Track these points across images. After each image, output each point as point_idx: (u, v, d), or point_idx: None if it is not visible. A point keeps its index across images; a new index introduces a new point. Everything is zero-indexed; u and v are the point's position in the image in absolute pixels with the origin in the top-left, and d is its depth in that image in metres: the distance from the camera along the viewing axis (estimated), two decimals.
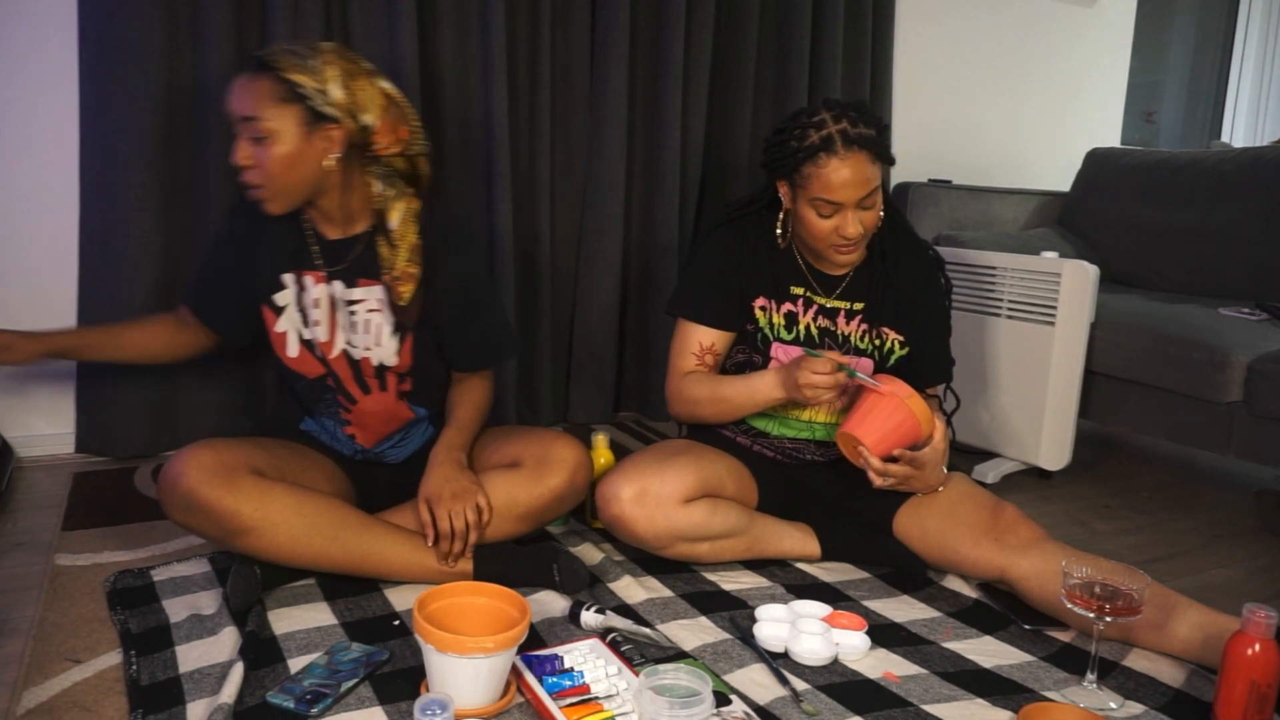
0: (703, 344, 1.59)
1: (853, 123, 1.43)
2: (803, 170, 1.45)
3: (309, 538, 1.32)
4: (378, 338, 1.50)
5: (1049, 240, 2.72)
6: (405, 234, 1.48)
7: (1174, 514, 2.03)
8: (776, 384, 1.48)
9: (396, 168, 1.52)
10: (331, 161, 1.40)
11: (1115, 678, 1.26)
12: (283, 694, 1.09)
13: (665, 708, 0.96)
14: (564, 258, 2.40)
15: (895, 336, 1.60)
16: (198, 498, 1.26)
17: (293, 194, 1.41)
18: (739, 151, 2.53)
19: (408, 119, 1.49)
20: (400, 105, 1.47)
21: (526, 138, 2.27)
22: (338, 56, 1.40)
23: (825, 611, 1.36)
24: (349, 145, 1.42)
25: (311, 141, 1.38)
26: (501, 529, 1.46)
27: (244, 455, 1.33)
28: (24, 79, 1.88)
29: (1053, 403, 2.08)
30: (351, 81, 1.40)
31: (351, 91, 1.40)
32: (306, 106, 1.36)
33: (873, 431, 1.40)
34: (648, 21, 2.36)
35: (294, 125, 1.36)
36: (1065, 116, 3.32)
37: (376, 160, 1.48)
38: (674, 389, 1.61)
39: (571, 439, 1.53)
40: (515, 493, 1.45)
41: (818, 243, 1.50)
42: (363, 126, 1.42)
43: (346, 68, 1.40)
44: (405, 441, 1.61)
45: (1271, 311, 2.15)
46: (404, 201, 1.49)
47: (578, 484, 1.50)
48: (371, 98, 1.42)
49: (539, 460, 1.48)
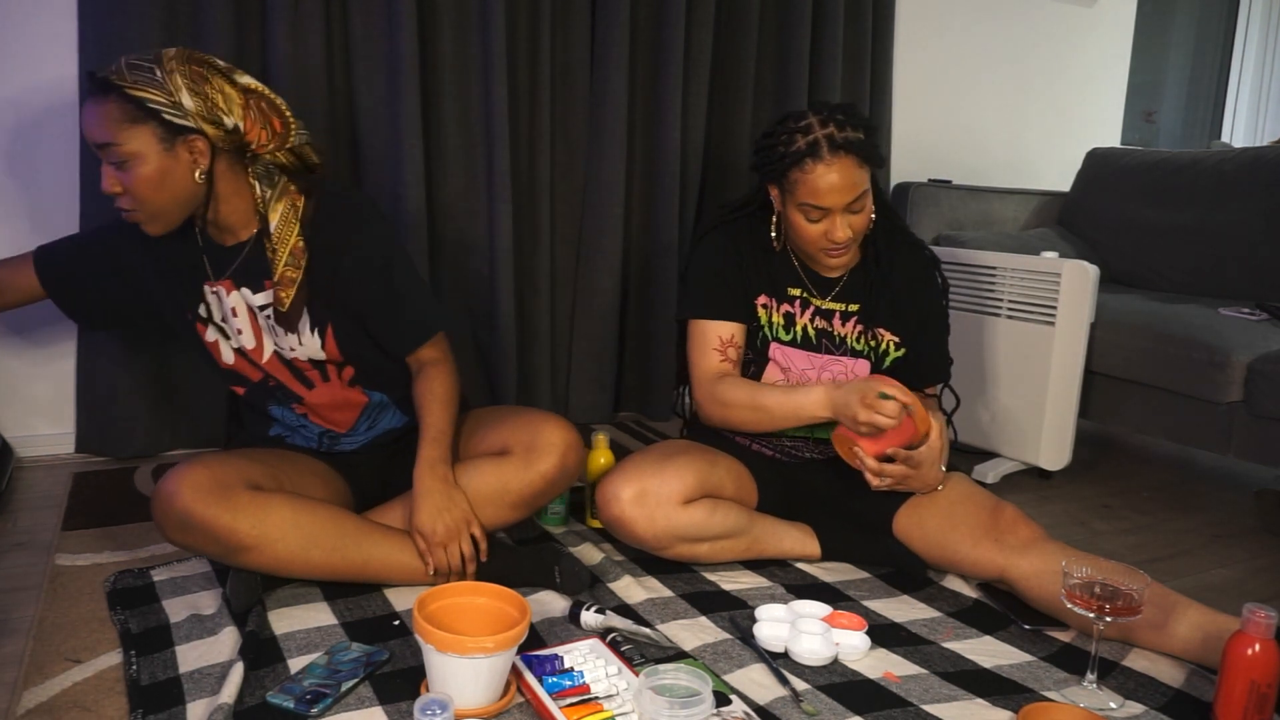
0: (723, 338, 1.57)
1: (840, 126, 1.42)
2: (789, 176, 1.45)
3: (308, 551, 1.31)
4: (299, 337, 1.46)
5: (1049, 240, 2.72)
6: (285, 236, 1.42)
7: (1174, 514, 2.03)
8: (825, 404, 1.45)
9: (281, 163, 1.45)
10: (201, 174, 1.35)
11: (1115, 678, 1.26)
12: (283, 694, 1.09)
13: (665, 708, 0.96)
14: (564, 258, 2.40)
15: (891, 338, 1.60)
16: (194, 517, 1.24)
17: (169, 213, 1.36)
18: (739, 151, 2.53)
19: (278, 110, 1.42)
20: (265, 97, 1.41)
21: (526, 138, 2.27)
22: (183, 63, 1.32)
23: (825, 611, 1.36)
24: (220, 151, 1.36)
25: (175, 157, 1.32)
26: (496, 517, 1.45)
27: (238, 470, 1.31)
28: (24, 79, 1.88)
29: (1053, 403, 2.08)
30: (203, 86, 1.33)
31: (205, 97, 1.33)
32: (161, 122, 1.30)
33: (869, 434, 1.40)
34: (648, 21, 2.36)
35: (152, 144, 1.30)
36: (1065, 116, 3.32)
37: (256, 160, 1.42)
38: (707, 392, 1.56)
39: (559, 421, 1.50)
40: (506, 481, 1.44)
41: (808, 246, 1.51)
42: (227, 130, 1.36)
43: (195, 72, 1.33)
44: (375, 425, 1.58)
45: (1271, 311, 2.15)
46: (285, 201, 1.42)
47: (568, 466, 1.48)
48: (229, 98, 1.36)
49: (528, 446, 1.46)
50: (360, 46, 2.03)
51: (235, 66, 1.40)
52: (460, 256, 2.24)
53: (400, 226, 2.10)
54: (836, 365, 1.59)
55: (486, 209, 2.21)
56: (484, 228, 2.22)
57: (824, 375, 1.59)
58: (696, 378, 1.59)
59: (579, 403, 2.44)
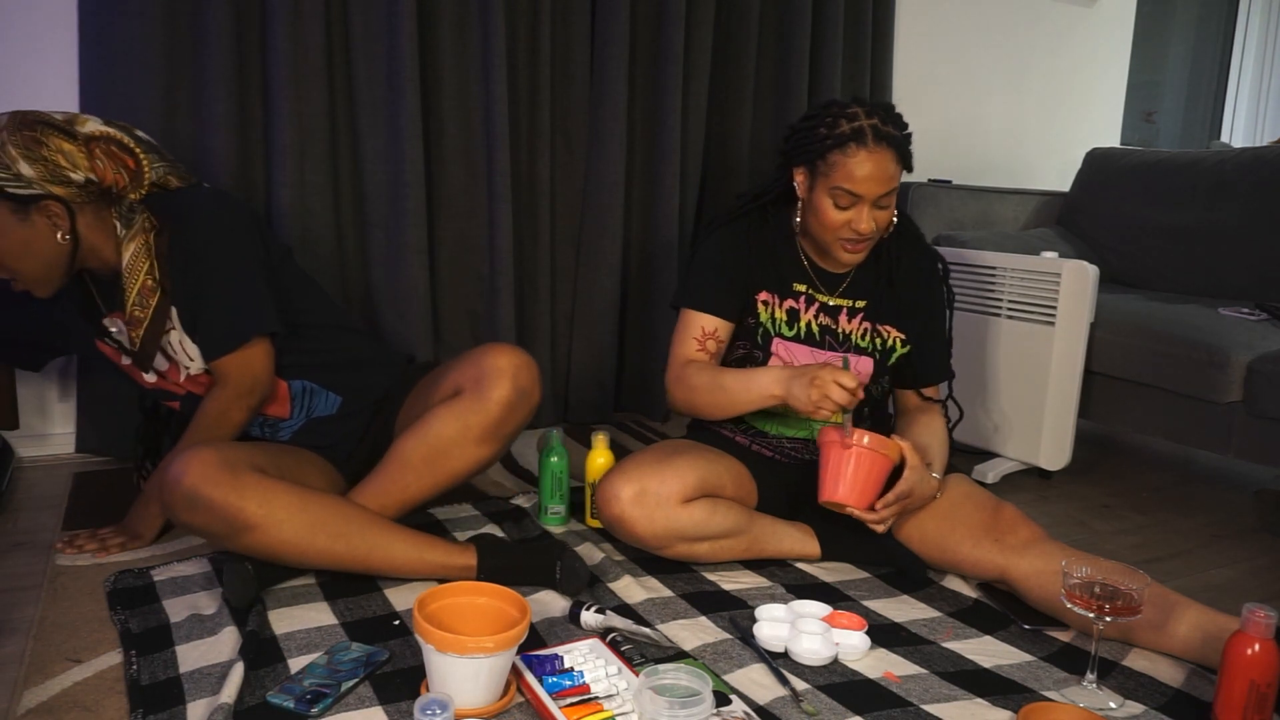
0: (704, 329, 1.57)
1: (883, 120, 1.44)
2: (829, 157, 1.45)
3: (313, 535, 1.31)
4: (189, 353, 1.47)
5: (1049, 240, 2.72)
6: (134, 272, 1.40)
7: (1174, 514, 2.03)
8: (776, 381, 1.45)
9: (142, 198, 1.43)
10: (63, 236, 1.34)
11: (1115, 678, 1.26)
12: (283, 694, 1.09)
13: (665, 708, 0.96)
14: (564, 258, 2.40)
15: (897, 335, 1.60)
16: (201, 494, 1.25)
17: (50, 276, 1.37)
18: (739, 151, 2.53)
19: (128, 150, 1.40)
20: (113, 140, 1.38)
21: (526, 138, 2.27)
22: (14, 131, 1.30)
23: (825, 611, 1.36)
24: (81, 205, 1.35)
25: (32, 225, 1.32)
26: (470, 458, 1.45)
27: (245, 453, 1.33)
28: (24, 79, 1.88)
29: (1053, 403, 2.08)
30: (39, 150, 1.30)
31: (44, 161, 1.30)
32: (6, 196, 1.29)
33: (852, 489, 1.39)
34: (648, 21, 2.36)
35: (5, 218, 1.30)
36: (1065, 116, 3.32)
37: (120, 200, 1.40)
38: (674, 375, 1.58)
39: (504, 346, 1.48)
40: (465, 418, 1.43)
41: (826, 234, 1.50)
42: (80, 185, 1.34)
43: (28, 138, 1.31)
44: (312, 410, 1.58)
45: (1271, 311, 2.15)
46: (139, 239, 1.40)
47: (523, 386, 1.45)
48: (71, 154, 1.33)
49: (476, 380, 1.45)
50: (360, 47, 2.03)
51: (74, 115, 1.38)
52: (460, 256, 2.24)
53: (400, 226, 2.10)
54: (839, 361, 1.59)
55: (486, 208, 2.21)
56: (484, 227, 2.22)
57: None
58: (670, 362, 1.60)
59: (579, 403, 2.44)
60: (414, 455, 1.44)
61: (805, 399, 1.39)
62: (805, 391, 1.39)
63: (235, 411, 1.47)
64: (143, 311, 1.41)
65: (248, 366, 1.47)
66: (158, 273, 1.42)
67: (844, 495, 1.39)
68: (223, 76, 1.89)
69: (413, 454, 1.44)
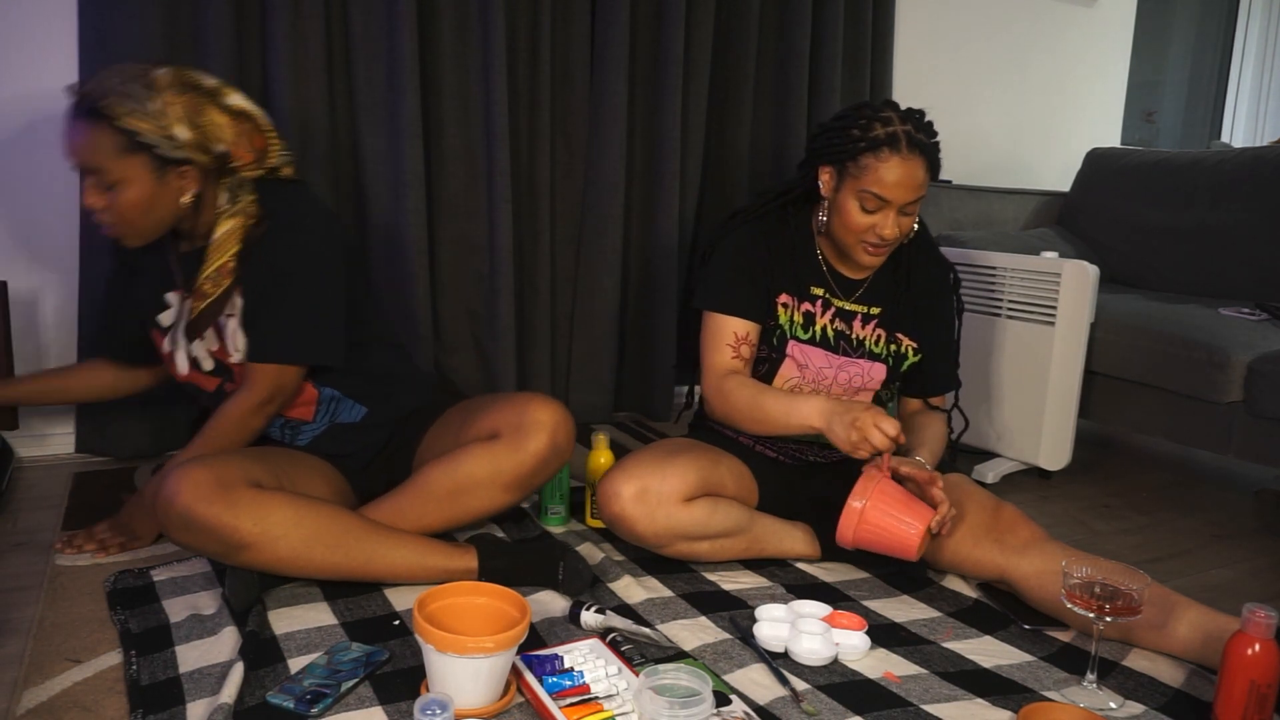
0: (738, 334, 1.56)
1: (916, 128, 1.45)
2: (860, 160, 1.45)
3: (310, 549, 1.30)
4: (238, 345, 1.47)
5: (1049, 240, 2.72)
6: (223, 247, 1.40)
7: (1174, 514, 2.03)
8: (819, 414, 1.43)
9: (252, 177, 1.45)
10: (188, 198, 1.35)
11: (1115, 678, 1.26)
12: (283, 694, 1.09)
13: (665, 708, 0.96)
14: (564, 258, 2.40)
15: (910, 343, 1.61)
16: (194, 515, 1.24)
17: (151, 232, 1.37)
18: (739, 151, 2.53)
19: (260, 130, 1.42)
20: (250, 117, 1.40)
21: (526, 138, 2.27)
22: (178, 92, 1.31)
23: (825, 611, 1.36)
24: (207, 174, 1.36)
25: (165, 184, 1.32)
26: (491, 501, 1.45)
27: (239, 469, 1.31)
28: (24, 78, 1.88)
29: (1053, 403, 2.08)
30: (198, 117, 1.32)
31: (199, 127, 1.32)
32: (154, 155, 1.29)
33: (891, 530, 1.38)
34: (648, 21, 2.36)
35: (144, 173, 1.30)
36: (1065, 116, 3.32)
37: (232, 173, 1.42)
38: (714, 387, 1.56)
39: (547, 399, 1.49)
40: (498, 463, 1.44)
41: (849, 236, 1.50)
42: (216, 155, 1.35)
43: (189, 102, 1.32)
44: (339, 415, 1.58)
45: (1271, 311, 2.15)
46: (238, 219, 1.41)
47: (559, 444, 1.47)
48: (220, 125, 1.35)
49: (516, 427, 1.45)
50: (360, 47, 2.03)
51: (220, 85, 1.39)
52: (460, 256, 2.23)
53: (400, 226, 2.10)
54: (853, 366, 1.59)
55: (486, 209, 2.21)
56: (484, 227, 2.22)
57: (840, 375, 1.58)
58: (706, 370, 1.58)
59: (579, 403, 2.44)
60: (439, 487, 1.44)
61: (845, 440, 1.38)
62: (846, 432, 1.38)
63: (254, 418, 1.47)
64: (213, 287, 1.42)
65: (280, 378, 1.47)
66: (240, 258, 1.43)
67: (919, 528, 1.37)
68: (222, 76, 1.89)
69: (438, 485, 1.44)
